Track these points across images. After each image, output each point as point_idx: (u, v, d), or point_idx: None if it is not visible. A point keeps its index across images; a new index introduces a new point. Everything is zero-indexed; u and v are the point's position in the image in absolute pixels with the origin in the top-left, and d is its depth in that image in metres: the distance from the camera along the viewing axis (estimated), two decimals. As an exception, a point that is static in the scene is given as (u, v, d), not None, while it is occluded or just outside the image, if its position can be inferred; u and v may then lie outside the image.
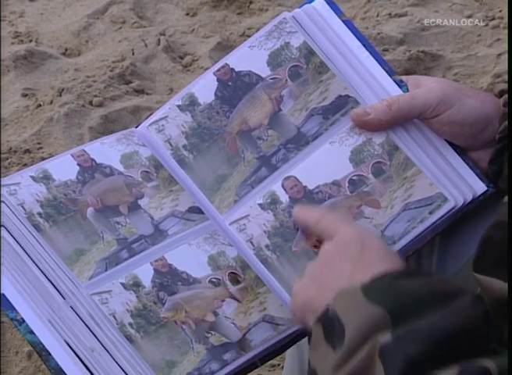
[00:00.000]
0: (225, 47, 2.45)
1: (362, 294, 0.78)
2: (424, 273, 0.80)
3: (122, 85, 2.35)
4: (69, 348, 0.86)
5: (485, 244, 0.82)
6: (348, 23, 1.01)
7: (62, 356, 0.85)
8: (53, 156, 0.98)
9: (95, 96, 2.30)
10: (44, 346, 0.85)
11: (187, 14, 2.64)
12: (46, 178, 0.94)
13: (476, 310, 0.75)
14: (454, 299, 0.76)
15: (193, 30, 2.57)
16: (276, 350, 0.93)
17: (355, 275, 0.81)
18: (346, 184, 0.96)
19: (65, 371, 0.85)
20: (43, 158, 2.06)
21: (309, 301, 0.84)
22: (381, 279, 0.79)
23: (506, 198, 0.84)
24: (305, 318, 0.84)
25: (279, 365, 1.73)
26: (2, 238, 0.89)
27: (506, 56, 2.28)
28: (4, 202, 0.90)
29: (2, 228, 0.89)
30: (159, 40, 2.50)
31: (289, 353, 1.17)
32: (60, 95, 2.32)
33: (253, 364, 0.92)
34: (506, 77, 2.16)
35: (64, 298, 0.88)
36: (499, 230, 0.80)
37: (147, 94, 2.35)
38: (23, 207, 0.91)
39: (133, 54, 2.45)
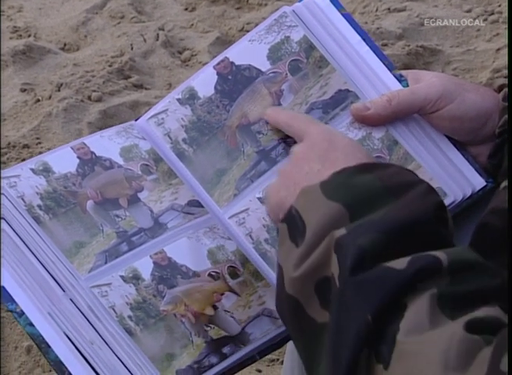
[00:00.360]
0: (224, 42, 2.45)
1: (321, 191, 0.79)
2: (382, 166, 0.81)
3: (121, 80, 2.35)
4: (68, 341, 0.86)
5: (481, 230, 0.82)
6: (348, 17, 1.01)
7: (61, 349, 0.85)
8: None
9: (94, 91, 2.30)
10: (43, 338, 0.85)
11: (186, 9, 2.63)
12: (46, 171, 0.94)
13: (428, 200, 0.76)
14: (408, 190, 0.77)
15: (192, 25, 2.57)
16: (275, 344, 0.93)
17: (322, 173, 0.83)
18: None
19: (65, 363, 0.85)
20: (41, 154, 2.06)
21: (280, 201, 0.85)
22: (338, 175, 0.80)
23: (503, 185, 0.84)
24: (279, 218, 0.86)
25: (278, 359, 1.73)
26: (2, 230, 0.89)
27: (505, 51, 2.28)
28: (4, 194, 0.90)
29: (2, 220, 0.89)
30: (158, 35, 2.50)
31: (289, 348, 1.17)
32: (59, 90, 2.32)
33: (252, 357, 0.92)
34: (505, 72, 2.16)
35: (64, 291, 0.88)
36: (496, 216, 0.80)
37: (145, 89, 2.35)
38: (23, 199, 0.91)
39: (132, 49, 2.45)
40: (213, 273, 0.93)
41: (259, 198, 0.97)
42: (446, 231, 0.76)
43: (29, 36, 2.52)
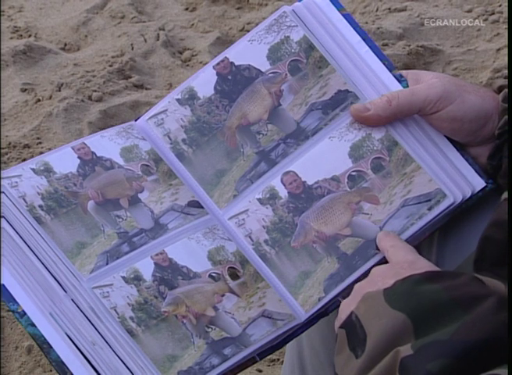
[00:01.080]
0: (224, 42, 2.45)
1: (384, 298, 0.77)
2: (450, 276, 0.78)
3: (122, 80, 2.35)
4: (70, 341, 0.86)
5: (484, 243, 0.81)
6: (348, 17, 1.01)
7: (63, 349, 0.86)
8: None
9: (94, 91, 2.30)
10: (45, 339, 0.85)
11: (187, 9, 2.63)
12: (47, 171, 0.94)
13: (499, 317, 0.73)
14: (477, 304, 0.74)
15: (193, 24, 2.56)
16: (275, 345, 0.93)
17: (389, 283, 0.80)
18: (346, 180, 0.96)
19: (67, 364, 0.85)
20: (42, 154, 2.06)
21: (347, 310, 0.82)
22: (402, 283, 0.78)
23: (503, 196, 0.84)
24: None
25: (278, 359, 1.73)
26: (3, 230, 0.89)
27: (505, 51, 2.28)
28: (5, 195, 0.90)
29: (3, 220, 0.89)
30: (158, 35, 2.49)
31: (289, 349, 1.17)
32: (59, 90, 2.32)
33: (252, 359, 0.92)
34: (505, 72, 2.16)
35: (65, 291, 0.88)
36: (498, 229, 0.79)
37: (146, 89, 2.35)
38: (24, 199, 0.91)
39: (133, 49, 2.45)
40: (214, 274, 0.93)
41: (259, 199, 0.97)
42: None
43: (29, 36, 2.52)
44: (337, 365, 0.78)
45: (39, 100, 2.30)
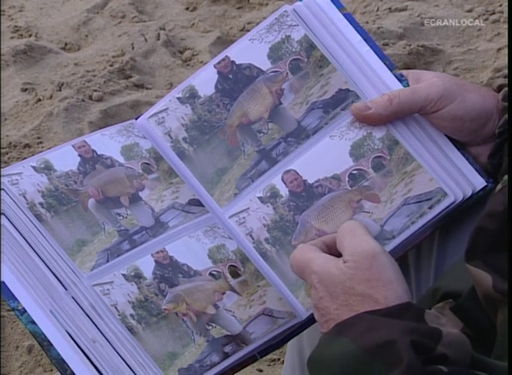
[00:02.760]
0: (224, 41, 2.45)
1: (309, 365, 0.79)
2: (350, 324, 0.78)
3: (122, 80, 2.35)
4: (70, 339, 0.86)
5: (477, 234, 0.82)
6: (349, 17, 1.01)
7: (63, 347, 0.86)
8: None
9: (95, 91, 2.30)
10: (45, 336, 0.86)
11: (187, 8, 2.63)
12: (47, 168, 0.94)
13: (408, 347, 0.72)
14: (386, 350, 0.73)
15: (193, 24, 2.56)
16: (276, 343, 0.93)
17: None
18: (346, 179, 0.96)
19: (67, 361, 0.85)
20: (40, 153, 2.06)
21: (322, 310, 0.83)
22: (316, 351, 0.79)
23: (498, 187, 0.84)
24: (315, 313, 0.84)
25: (278, 359, 1.73)
26: (3, 227, 0.89)
27: (506, 51, 2.28)
28: (5, 192, 0.91)
29: (4, 217, 0.89)
30: (159, 34, 2.50)
31: (290, 348, 1.17)
32: (60, 90, 2.32)
33: (253, 357, 0.92)
34: (506, 72, 2.16)
35: (66, 289, 0.88)
36: (491, 219, 0.80)
37: (146, 88, 2.35)
38: (24, 197, 0.91)
39: (133, 48, 2.45)
40: (214, 272, 0.93)
41: (259, 198, 0.97)
42: (447, 365, 0.72)
43: (30, 35, 2.52)
44: None
45: (39, 100, 2.30)
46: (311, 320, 0.94)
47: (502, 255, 0.77)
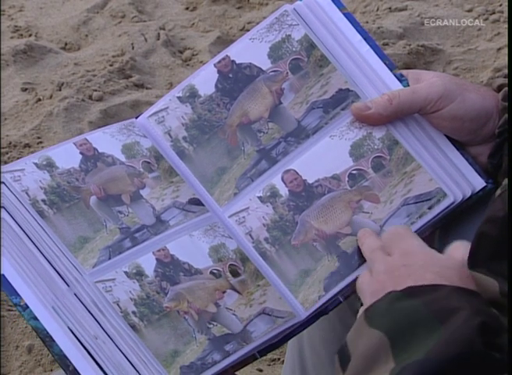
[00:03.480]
0: (224, 41, 2.45)
1: (364, 318, 0.77)
2: (430, 290, 0.78)
3: (122, 80, 2.35)
4: (72, 335, 0.86)
5: (479, 240, 0.82)
6: (349, 17, 1.01)
7: (65, 343, 0.86)
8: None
9: (95, 90, 2.30)
10: (47, 332, 0.86)
11: (187, 8, 2.63)
12: (49, 165, 0.94)
13: (471, 328, 0.72)
14: (451, 318, 0.74)
15: (193, 24, 2.56)
16: (275, 342, 0.93)
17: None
18: (346, 179, 0.96)
19: (69, 358, 0.85)
20: (42, 150, 2.06)
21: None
22: (381, 301, 0.78)
23: (498, 192, 0.84)
24: None
25: (279, 359, 1.73)
26: (6, 223, 0.89)
27: (506, 50, 2.28)
28: (8, 188, 0.91)
29: (6, 213, 0.90)
30: (159, 34, 2.50)
31: (290, 348, 1.17)
32: (60, 90, 2.32)
33: (252, 355, 0.92)
34: (506, 71, 2.16)
35: (68, 285, 0.88)
36: (492, 225, 0.80)
37: (146, 88, 2.35)
38: (27, 193, 0.91)
39: (133, 48, 2.45)
40: (215, 271, 0.93)
41: (259, 197, 0.97)
42: (499, 354, 0.72)
43: (30, 35, 2.52)
44: None
45: (39, 99, 2.30)
46: (310, 320, 0.94)
47: (506, 263, 0.77)
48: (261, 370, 1.73)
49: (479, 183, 0.97)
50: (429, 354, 0.71)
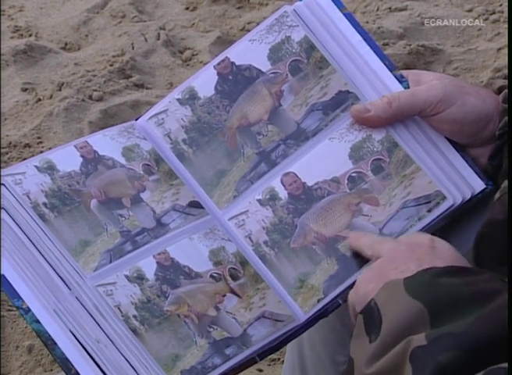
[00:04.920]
0: (225, 41, 2.45)
1: (404, 287, 0.77)
2: (472, 272, 0.78)
3: (122, 80, 2.35)
4: (74, 339, 0.86)
5: (480, 243, 0.82)
6: (349, 17, 1.01)
7: (67, 346, 0.86)
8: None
9: (95, 90, 2.30)
10: (49, 335, 0.86)
11: (187, 8, 2.63)
12: (50, 168, 0.94)
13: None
14: (494, 299, 0.74)
15: (193, 24, 2.56)
16: (275, 346, 0.93)
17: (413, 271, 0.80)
18: (345, 181, 0.96)
19: (71, 361, 0.85)
20: (43, 153, 2.06)
21: (368, 293, 0.82)
22: (424, 273, 0.78)
23: (497, 196, 0.84)
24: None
25: (278, 359, 1.73)
26: (9, 227, 0.89)
27: (506, 50, 2.28)
28: (9, 191, 0.91)
29: (8, 216, 0.89)
30: (159, 34, 2.49)
31: (290, 348, 1.17)
32: (60, 90, 2.32)
33: (252, 359, 0.92)
34: (506, 71, 2.15)
35: (69, 289, 0.88)
36: (492, 228, 0.80)
37: (146, 88, 2.35)
38: (28, 196, 0.91)
39: (133, 48, 2.45)
40: (215, 275, 0.93)
41: (259, 200, 0.97)
42: None
43: (30, 35, 2.52)
44: (352, 348, 0.79)
45: (39, 99, 2.30)
46: (310, 323, 0.94)
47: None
48: (261, 370, 1.73)
49: (479, 185, 0.97)
50: (468, 328, 0.71)
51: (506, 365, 0.69)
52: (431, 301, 0.75)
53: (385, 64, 1.00)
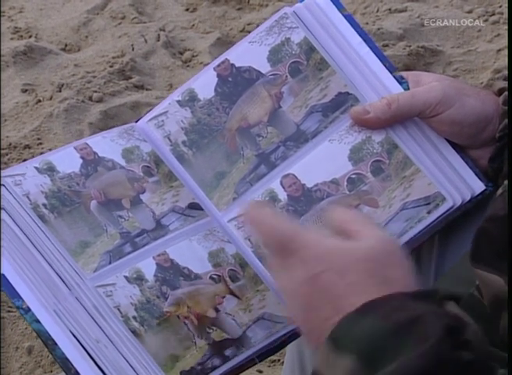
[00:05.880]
0: (224, 42, 2.45)
1: (332, 343, 0.73)
2: (381, 304, 0.74)
3: (122, 81, 2.35)
4: (74, 339, 0.86)
5: (479, 238, 0.82)
6: (349, 18, 1.01)
7: (68, 346, 0.86)
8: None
9: (95, 92, 2.31)
10: (50, 335, 0.86)
11: (187, 9, 2.63)
12: (50, 170, 0.94)
13: (438, 332, 0.70)
14: (412, 327, 0.71)
15: (193, 25, 2.57)
16: (274, 347, 0.93)
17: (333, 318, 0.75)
18: (345, 183, 0.96)
19: (71, 361, 0.85)
20: (43, 154, 2.06)
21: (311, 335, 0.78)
22: (339, 326, 0.74)
23: (499, 191, 0.84)
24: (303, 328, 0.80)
25: (278, 360, 1.73)
26: (9, 228, 0.89)
27: (506, 52, 2.28)
28: (9, 192, 0.91)
29: (8, 217, 0.90)
30: (159, 35, 2.50)
31: (290, 349, 1.17)
32: (60, 91, 2.32)
33: (252, 360, 0.92)
34: (505, 72, 2.15)
35: (69, 289, 0.88)
36: (493, 223, 0.80)
37: (146, 89, 2.35)
38: (28, 197, 0.91)
39: (133, 49, 2.45)
40: (214, 276, 0.93)
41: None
42: (469, 353, 0.70)
43: (30, 36, 2.52)
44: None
45: (39, 101, 2.31)
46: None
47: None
48: (261, 371, 1.73)
49: (479, 186, 0.97)
50: (400, 368, 0.69)
51: None
52: (358, 349, 0.71)
53: (385, 65, 1.00)
